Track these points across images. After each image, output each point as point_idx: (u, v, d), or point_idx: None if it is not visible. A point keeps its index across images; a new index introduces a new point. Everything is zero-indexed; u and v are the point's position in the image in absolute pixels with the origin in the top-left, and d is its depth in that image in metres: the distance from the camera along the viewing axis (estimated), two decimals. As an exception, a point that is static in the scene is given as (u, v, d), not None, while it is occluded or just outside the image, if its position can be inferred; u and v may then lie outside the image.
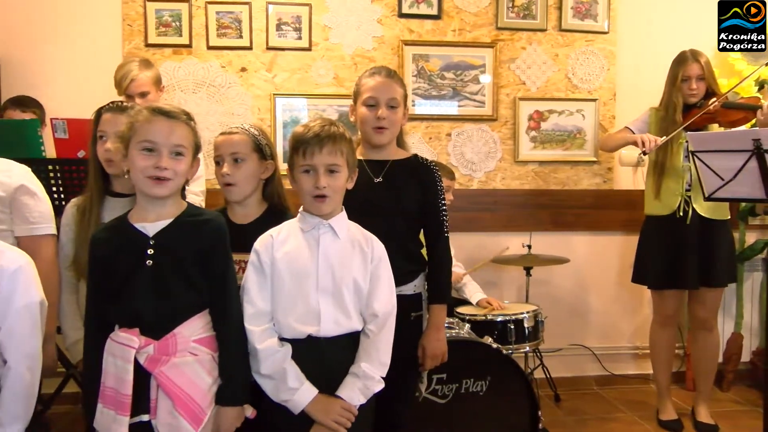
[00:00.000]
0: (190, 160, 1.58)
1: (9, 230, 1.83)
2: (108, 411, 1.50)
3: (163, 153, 1.52)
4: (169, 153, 1.53)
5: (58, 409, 3.02)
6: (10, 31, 3.29)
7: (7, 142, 2.09)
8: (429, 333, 2.02)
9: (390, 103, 2.01)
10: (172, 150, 1.53)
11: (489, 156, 3.71)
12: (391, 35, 3.60)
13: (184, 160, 1.56)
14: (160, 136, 1.53)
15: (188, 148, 1.57)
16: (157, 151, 1.52)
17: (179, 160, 1.54)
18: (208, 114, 3.45)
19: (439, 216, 2.06)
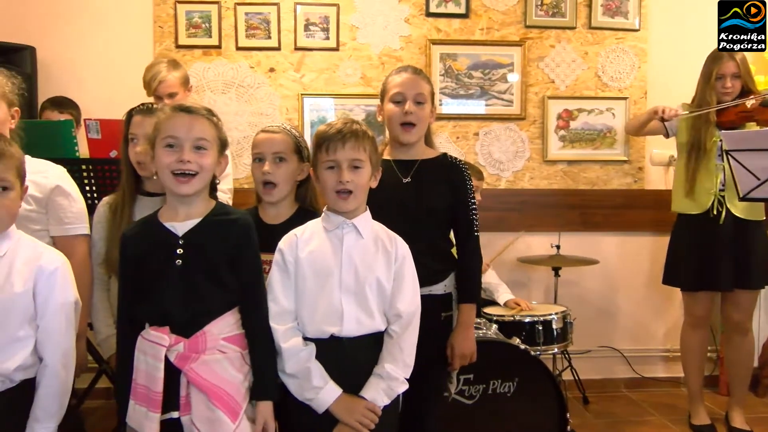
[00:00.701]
0: (214, 155, 1.59)
1: (45, 230, 1.87)
2: (140, 407, 1.53)
3: (185, 147, 1.54)
4: (191, 147, 1.54)
5: (91, 404, 3.08)
6: (47, 34, 3.37)
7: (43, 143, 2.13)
8: (458, 332, 2.01)
9: (417, 98, 2.00)
10: (194, 144, 1.55)
11: (517, 155, 3.68)
12: (418, 34, 3.59)
13: (208, 153, 1.57)
14: (181, 130, 1.54)
15: (211, 142, 1.58)
16: (179, 146, 1.54)
17: (202, 154, 1.56)
18: (237, 114, 3.49)
19: (469, 215, 2.05)
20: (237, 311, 1.60)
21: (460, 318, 2.02)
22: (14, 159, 1.50)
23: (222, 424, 1.50)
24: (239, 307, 1.60)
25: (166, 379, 1.50)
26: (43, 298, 1.51)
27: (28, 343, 1.50)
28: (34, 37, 3.30)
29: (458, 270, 2.05)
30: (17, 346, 1.48)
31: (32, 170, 1.65)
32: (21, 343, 1.49)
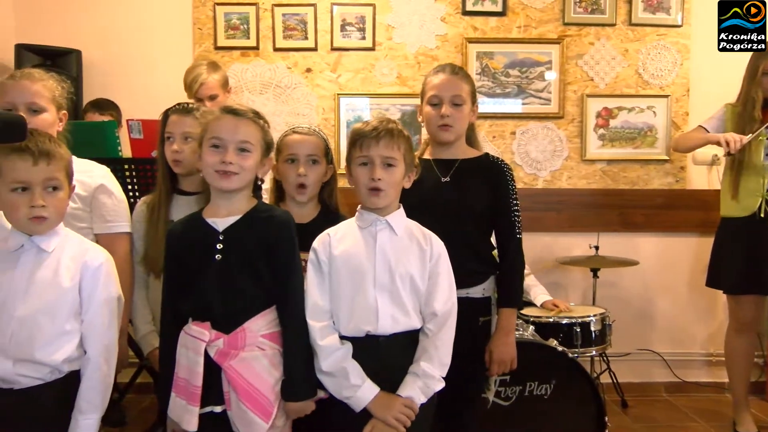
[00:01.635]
0: (257, 156, 1.62)
1: (89, 227, 1.92)
2: (180, 400, 1.56)
3: (229, 148, 1.57)
4: (235, 149, 1.57)
5: (132, 399, 3.16)
6: (92, 38, 3.47)
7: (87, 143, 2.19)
8: (497, 337, 1.97)
9: (454, 100, 1.98)
10: (238, 146, 1.58)
11: (555, 154, 3.63)
12: (454, 33, 3.57)
13: (251, 156, 1.59)
14: (226, 132, 1.58)
15: (255, 144, 1.61)
16: (223, 147, 1.57)
17: (245, 156, 1.58)
18: (275, 114, 3.53)
19: (510, 216, 2.01)
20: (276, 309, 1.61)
21: (500, 323, 1.98)
22: (63, 160, 1.55)
23: (254, 423, 1.52)
24: (276, 303, 1.61)
25: (207, 374, 1.53)
26: (88, 293, 1.56)
27: (75, 336, 1.54)
28: (80, 40, 3.40)
29: (499, 273, 2.02)
30: (65, 339, 1.52)
31: (78, 170, 1.69)
32: (68, 336, 1.53)
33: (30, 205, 1.47)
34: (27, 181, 1.48)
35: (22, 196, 1.48)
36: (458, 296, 1.73)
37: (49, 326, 1.50)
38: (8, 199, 1.48)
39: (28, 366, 1.47)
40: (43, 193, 1.49)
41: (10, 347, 1.46)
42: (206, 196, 1.71)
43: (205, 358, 1.53)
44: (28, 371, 1.47)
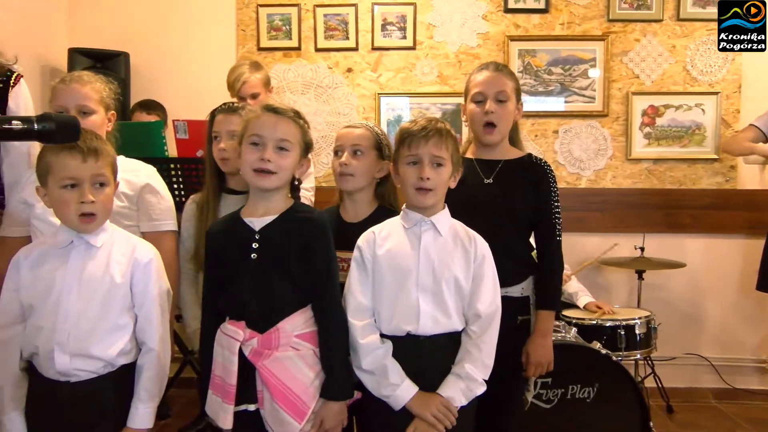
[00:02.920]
0: (296, 156, 1.62)
1: (136, 225, 1.96)
2: (216, 398, 1.58)
3: (268, 146, 1.58)
4: (273, 147, 1.58)
5: (176, 393, 3.23)
6: (139, 40, 3.56)
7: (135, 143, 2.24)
8: (534, 339, 1.95)
9: (498, 96, 1.96)
10: (277, 144, 1.59)
11: (599, 153, 3.56)
12: (496, 31, 3.54)
13: (289, 155, 1.60)
14: (265, 130, 1.59)
15: (294, 143, 1.61)
16: (262, 145, 1.58)
17: (283, 155, 1.59)
18: (316, 114, 3.56)
19: (551, 218, 1.98)
20: (311, 309, 1.62)
21: (538, 325, 1.96)
22: (110, 156, 1.59)
23: (288, 423, 1.53)
24: (312, 304, 1.62)
25: (243, 373, 1.54)
26: (140, 288, 1.60)
27: (127, 330, 1.58)
28: (128, 43, 3.50)
29: (538, 275, 2.00)
30: (118, 334, 1.57)
31: (125, 169, 1.74)
32: (121, 331, 1.57)
33: (80, 201, 1.51)
34: (76, 178, 1.52)
35: (72, 193, 1.52)
36: None
37: (103, 321, 1.54)
38: (59, 196, 1.53)
39: (84, 360, 1.52)
40: (91, 189, 1.53)
41: (67, 342, 1.50)
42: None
43: (240, 357, 1.55)
44: (83, 365, 1.52)
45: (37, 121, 1.06)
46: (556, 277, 2.01)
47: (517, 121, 2.06)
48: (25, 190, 1.87)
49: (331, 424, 1.59)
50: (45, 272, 1.55)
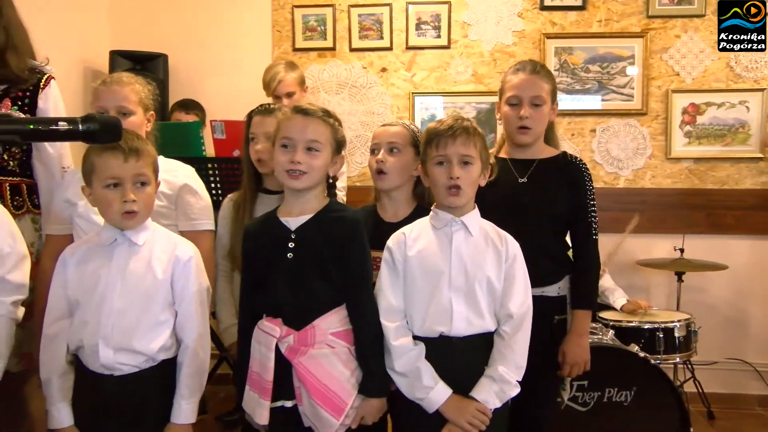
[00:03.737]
0: (327, 155, 1.63)
1: (174, 224, 2.00)
2: (253, 394, 1.61)
3: (298, 148, 1.59)
4: (303, 148, 1.60)
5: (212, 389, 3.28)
6: (178, 42, 3.63)
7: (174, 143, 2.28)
8: (570, 339, 1.93)
9: (534, 101, 1.94)
10: (307, 145, 1.60)
11: (637, 153, 3.49)
12: (532, 29, 3.50)
13: (320, 155, 1.61)
14: (295, 132, 1.61)
15: (324, 143, 1.62)
16: (292, 147, 1.60)
17: (314, 155, 1.60)
18: (350, 114, 3.57)
19: (587, 217, 1.96)
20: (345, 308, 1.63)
21: (574, 325, 1.94)
22: (150, 156, 1.62)
23: (326, 420, 1.54)
24: (346, 303, 1.63)
25: (280, 369, 1.56)
26: (180, 285, 1.63)
27: (168, 326, 1.62)
28: (167, 45, 3.56)
29: (574, 274, 1.98)
30: (160, 329, 1.60)
31: (164, 169, 1.77)
32: (162, 327, 1.60)
33: (122, 200, 1.55)
34: (119, 177, 1.55)
35: (115, 192, 1.56)
36: (533, 294, 1.70)
37: (145, 317, 1.58)
38: (102, 195, 1.57)
39: (127, 354, 1.55)
40: (132, 188, 1.56)
41: (111, 337, 1.54)
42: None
43: (277, 353, 1.56)
44: (126, 359, 1.55)
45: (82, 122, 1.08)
46: (593, 276, 1.98)
47: (552, 121, 2.03)
48: (68, 189, 1.92)
49: (372, 420, 1.61)
50: (90, 269, 1.59)
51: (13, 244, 1.66)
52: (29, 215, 2.02)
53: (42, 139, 1.69)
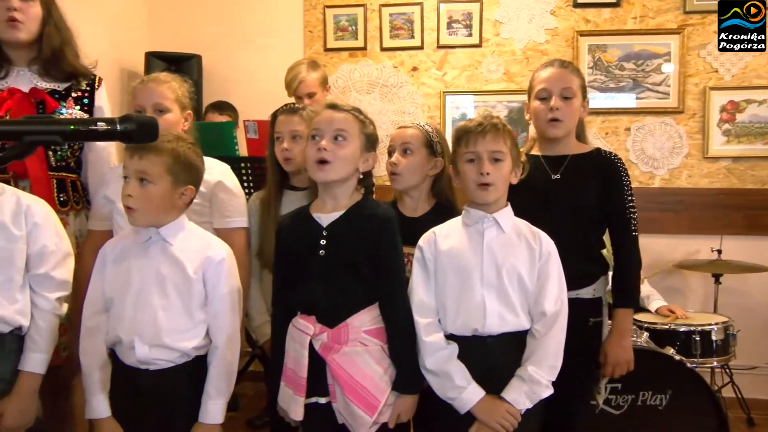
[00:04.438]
0: (355, 148, 1.63)
1: (209, 222, 2.03)
2: (288, 389, 1.63)
3: (325, 137, 1.61)
4: (330, 137, 1.61)
5: (244, 386, 3.32)
6: (211, 43, 3.68)
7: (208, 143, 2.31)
8: (613, 339, 1.91)
9: (564, 93, 1.92)
10: (333, 134, 1.62)
11: (673, 152, 3.42)
12: (565, 26, 3.46)
13: (347, 144, 1.62)
14: (323, 123, 1.63)
15: (351, 134, 1.63)
16: (320, 137, 1.62)
17: (340, 144, 1.61)
18: (381, 113, 3.58)
19: (625, 213, 1.93)
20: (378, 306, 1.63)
21: (615, 324, 1.91)
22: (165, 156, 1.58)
23: (359, 417, 1.55)
24: (379, 299, 1.63)
25: (314, 366, 1.58)
26: (212, 285, 1.64)
27: (202, 324, 1.63)
28: (200, 46, 3.62)
29: (614, 272, 1.95)
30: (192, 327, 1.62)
31: (198, 167, 1.79)
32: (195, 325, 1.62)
33: (123, 194, 1.58)
34: (125, 172, 1.59)
35: (123, 186, 1.59)
36: (568, 297, 1.68)
37: (177, 315, 1.60)
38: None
39: (162, 350, 1.58)
40: (133, 184, 1.57)
41: (145, 333, 1.57)
42: (315, 191, 1.75)
43: (311, 350, 1.58)
44: (161, 355, 1.58)
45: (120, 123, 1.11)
46: (634, 273, 1.95)
47: (582, 119, 2.01)
48: (109, 187, 1.96)
49: (407, 418, 1.62)
50: (126, 266, 1.63)
51: (58, 242, 1.70)
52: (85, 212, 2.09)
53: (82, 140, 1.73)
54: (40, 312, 1.64)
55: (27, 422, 1.60)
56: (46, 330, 1.64)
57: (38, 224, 1.66)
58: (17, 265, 1.62)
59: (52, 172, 2.02)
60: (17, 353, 1.61)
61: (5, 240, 1.60)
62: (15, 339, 1.62)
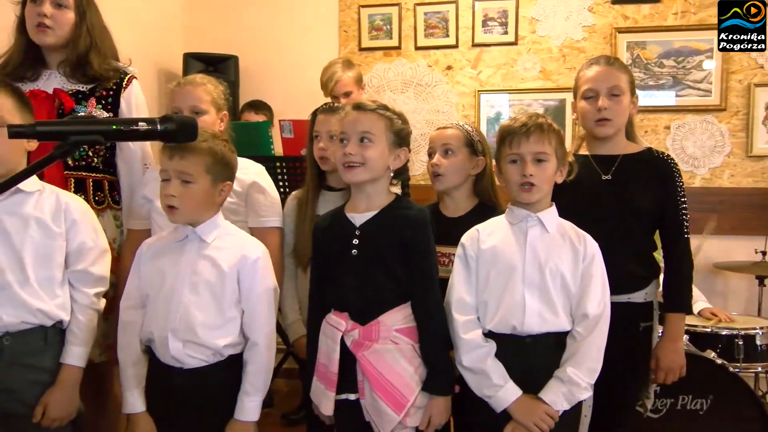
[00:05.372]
0: (382, 147, 1.63)
1: (244, 221, 2.06)
2: (320, 385, 1.64)
3: (351, 140, 1.62)
4: (356, 140, 1.62)
5: (278, 383, 3.35)
6: (248, 44, 3.73)
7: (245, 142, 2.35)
8: (665, 344, 1.87)
9: (612, 91, 1.87)
10: (359, 136, 1.62)
11: (715, 150, 3.34)
12: (603, 23, 3.41)
13: (373, 146, 1.62)
14: (348, 125, 1.64)
15: (377, 134, 1.63)
16: (347, 140, 1.63)
17: (366, 146, 1.61)
18: (415, 112, 3.57)
19: (678, 215, 1.88)
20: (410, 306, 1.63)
21: (668, 329, 1.87)
22: (205, 156, 1.62)
23: (386, 414, 1.55)
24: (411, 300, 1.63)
25: (345, 363, 1.59)
26: (247, 284, 1.66)
27: (237, 323, 1.65)
28: (237, 47, 3.67)
29: (666, 276, 1.90)
30: (226, 326, 1.64)
31: (234, 167, 1.82)
32: (229, 324, 1.64)
33: (164, 194, 1.60)
34: (165, 172, 1.61)
35: (163, 186, 1.62)
36: (619, 301, 1.67)
37: (211, 312, 1.62)
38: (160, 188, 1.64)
39: (195, 348, 1.60)
40: (175, 184, 1.60)
41: (179, 330, 1.59)
42: (350, 191, 1.76)
43: (343, 346, 1.59)
44: (194, 352, 1.60)
45: (160, 122, 1.13)
46: (686, 277, 1.90)
47: (632, 117, 1.96)
48: (146, 186, 2.00)
49: (440, 421, 1.60)
50: (162, 264, 1.66)
51: (96, 238, 1.74)
52: (110, 211, 2.11)
53: (123, 139, 1.76)
54: (79, 307, 1.68)
55: (70, 413, 1.64)
56: (86, 324, 1.68)
57: (77, 221, 1.70)
58: (57, 262, 1.66)
59: (69, 171, 2.04)
60: (59, 346, 1.66)
61: (46, 237, 1.64)
62: (56, 332, 1.66)
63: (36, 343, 1.61)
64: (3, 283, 1.57)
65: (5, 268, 1.57)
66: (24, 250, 1.60)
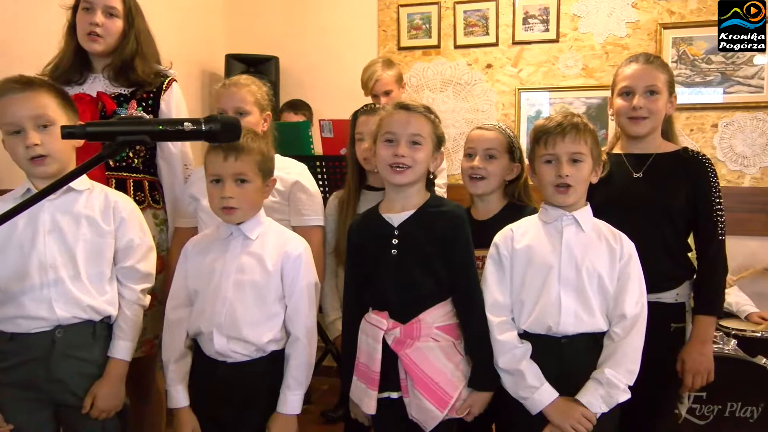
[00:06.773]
0: (429, 150, 1.65)
1: (286, 219, 2.09)
2: (361, 384, 1.65)
3: (401, 142, 1.62)
4: (407, 142, 1.62)
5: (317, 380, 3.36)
6: (288, 45, 3.77)
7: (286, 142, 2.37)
8: (691, 346, 1.82)
9: (648, 89, 1.85)
10: (410, 139, 1.62)
11: (766, 149, 3.22)
12: (647, 19, 3.33)
13: (422, 149, 1.63)
14: (398, 126, 1.63)
15: (426, 137, 1.64)
16: (396, 141, 1.63)
17: (416, 149, 1.62)
18: (454, 111, 3.55)
19: (712, 216, 1.84)
20: (450, 302, 1.64)
21: (695, 331, 1.82)
22: (255, 155, 1.66)
23: (430, 411, 1.56)
24: (452, 296, 1.63)
25: (386, 361, 1.59)
26: (290, 279, 1.69)
27: (279, 319, 1.69)
28: (278, 48, 3.71)
29: (697, 277, 1.86)
30: (270, 321, 1.67)
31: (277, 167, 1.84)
32: (273, 319, 1.68)
33: (221, 196, 1.63)
34: (219, 174, 1.64)
35: (216, 188, 1.65)
36: (648, 301, 1.62)
37: (255, 308, 1.65)
38: (208, 191, 1.68)
39: (239, 343, 1.64)
40: (231, 185, 1.63)
41: (224, 325, 1.63)
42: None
43: (384, 345, 1.60)
44: (238, 348, 1.64)
45: (205, 123, 1.16)
46: (718, 279, 1.85)
47: (670, 115, 1.92)
48: (193, 186, 2.05)
49: (478, 411, 1.61)
50: (208, 261, 1.69)
51: (143, 236, 1.79)
52: (150, 210, 2.15)
53: (169, 139, 1.81)
54: (126, 302, 1.73)
55: (117, 405, 1.69)
56: (132, 319, 1.73)
57: (125, 219, 1.74)
58: (107, 259, 1.71)
59: (110, 172, 2.08)
60: (107, 340, 1.71)
61: (96, 234, 1.69)
62: (104, 327, 1.71)
63: (85, 337, 1.66)
64: (57, 279, 1.62)
65: (59, 265, 1.63)
66: (76, 248, 1.65)
